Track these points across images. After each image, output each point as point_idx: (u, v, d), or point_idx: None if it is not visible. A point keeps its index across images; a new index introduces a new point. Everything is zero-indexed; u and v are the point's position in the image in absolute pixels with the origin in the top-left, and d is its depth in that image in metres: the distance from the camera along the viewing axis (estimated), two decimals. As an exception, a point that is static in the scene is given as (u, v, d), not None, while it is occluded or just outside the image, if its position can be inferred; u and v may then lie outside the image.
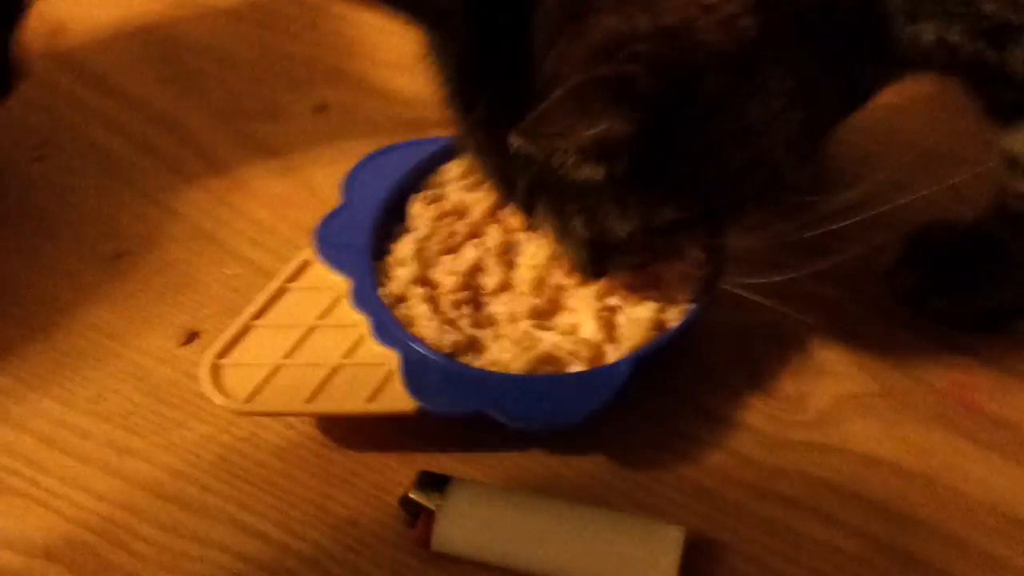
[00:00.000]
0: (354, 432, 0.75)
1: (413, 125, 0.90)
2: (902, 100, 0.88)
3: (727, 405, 0.77)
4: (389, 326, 0.74)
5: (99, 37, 1.00)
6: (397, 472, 0.73)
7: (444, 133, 0.71)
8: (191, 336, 0.80)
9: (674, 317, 0.75)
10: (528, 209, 0.70)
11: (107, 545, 0.71)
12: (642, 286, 0.77)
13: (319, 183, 0.89)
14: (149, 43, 0.99)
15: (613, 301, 0.76)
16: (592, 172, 0.64)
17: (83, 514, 0.72)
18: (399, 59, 0.97)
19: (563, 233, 0.71)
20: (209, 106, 0.95)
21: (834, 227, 0.77)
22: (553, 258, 0.77)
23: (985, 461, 0.74)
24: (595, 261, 0.72)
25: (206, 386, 0.72)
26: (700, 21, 0.61)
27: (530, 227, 0.78)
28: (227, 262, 0.84)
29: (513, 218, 0.80)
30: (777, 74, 0.64)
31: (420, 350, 0.73)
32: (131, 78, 0.96)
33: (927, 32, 0.68)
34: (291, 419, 0.75)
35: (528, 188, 0.68)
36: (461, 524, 0.69)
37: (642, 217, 0.67)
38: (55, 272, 0.84)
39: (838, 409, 0.77)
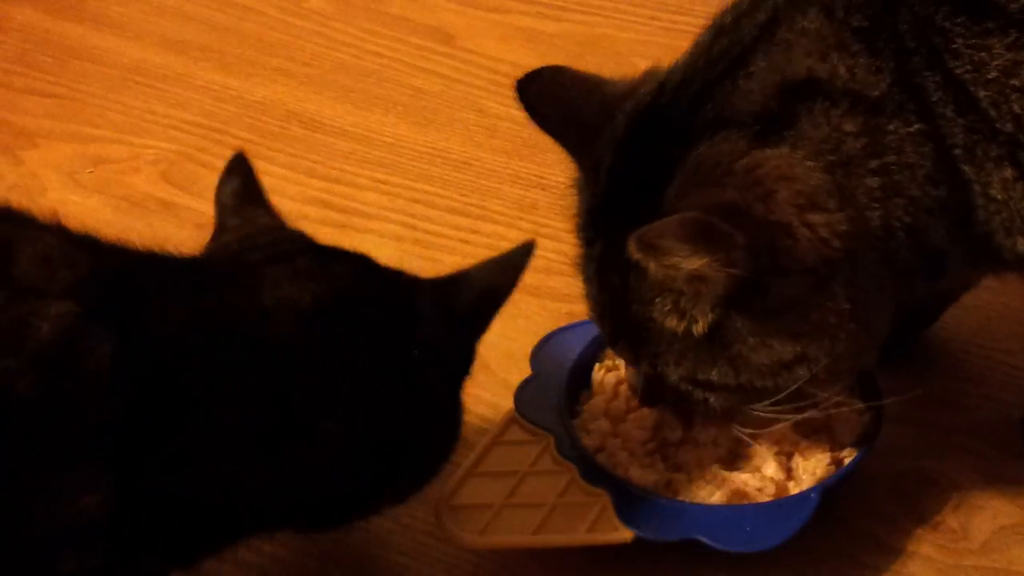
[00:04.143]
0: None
1: (566, 317, 1.01)
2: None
3: (897, 536, 0.86)
4: (597, 470, 0.84)
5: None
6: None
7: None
8: (405, 496, 0.89)
9: (846, 456, 0.85)
10: (613, 341, 0.82)
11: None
12: (813, 432, 0.86)
13: (493, 364, 0.99)
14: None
15: (787, 446, 0.86)
16: (674, 323, 0.75)
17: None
18: (548, 265, 1.09)
19: (633, 364, 0.82)
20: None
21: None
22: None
23: None
24: (648, 392, 0.83)
25: (444, 524, 0.81)
26: (799, 231, 0.73)
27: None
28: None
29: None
30: (840, 295, 0.75)
31: (632, 489, 0.82)
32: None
33: (1019, 244, 0.78)
34: (508, 561, 0.83)
35: (617, 322, 0.79)
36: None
37: (691, 370, 0.77)
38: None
39: (999, 538, 0.86)
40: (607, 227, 0.77)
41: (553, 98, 0.84)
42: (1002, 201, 0.76)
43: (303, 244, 0.76)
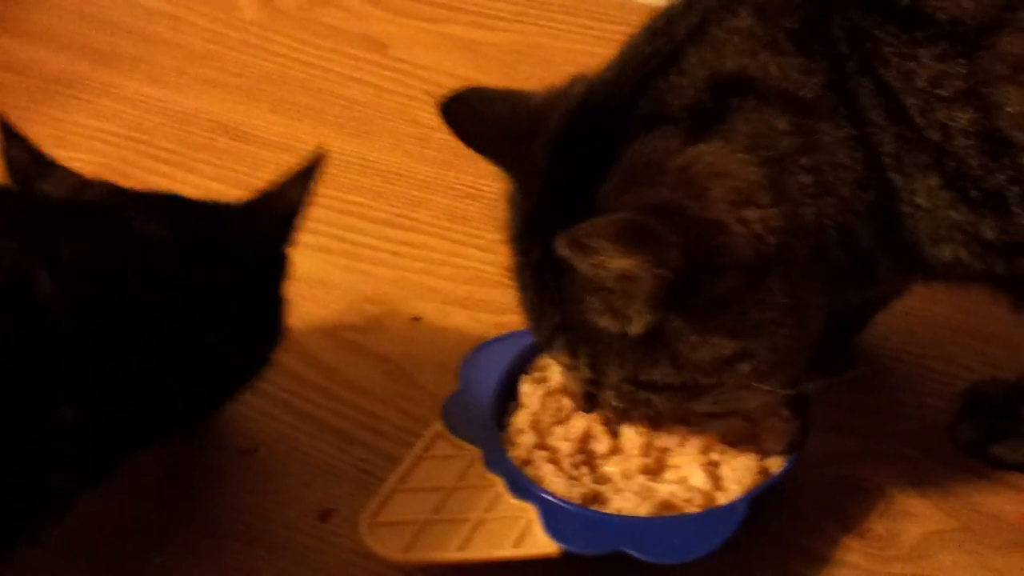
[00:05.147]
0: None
1: (496, 329, 1.00)
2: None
3: (824, 545, 0.86)
4: (523, 483, 0.83)
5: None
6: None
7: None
8: (327, 513, 0.88)
9: (773, 465, 0.84)
10: (549, 343, 0.81)
11: None
12: (740, 441, 0.86)
13: (422, 379, 0.99)
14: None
15: (715, 456, 0.85)
16: (610, 324, 0.75)
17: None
18: (478, 276, 1.08)
19: (570, 368, 0.81)
20: (315, 321, 1.05)
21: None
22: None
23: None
24: (588, 396, 0.83)
25: (368, 541, 0.80)
26: (735, 227, 0.73)
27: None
28: (352, 449, 0.93)
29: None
30: (777, 290, 0.75)
31: (558, 502, 0.81)
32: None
33: (945, 253, 0.78)
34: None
35: (554, 325, 0.79)
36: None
37: (633, 371, 0.77)
38: (200, 466, 0.93)
39: (926, 545, 0.86)
40: (545, 231, 0.76)
41: (480, 116, 0.83)
42: (927, 209, 0.76)
43: (133, 195, 0.87)
